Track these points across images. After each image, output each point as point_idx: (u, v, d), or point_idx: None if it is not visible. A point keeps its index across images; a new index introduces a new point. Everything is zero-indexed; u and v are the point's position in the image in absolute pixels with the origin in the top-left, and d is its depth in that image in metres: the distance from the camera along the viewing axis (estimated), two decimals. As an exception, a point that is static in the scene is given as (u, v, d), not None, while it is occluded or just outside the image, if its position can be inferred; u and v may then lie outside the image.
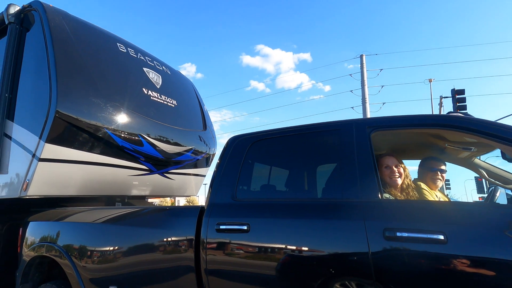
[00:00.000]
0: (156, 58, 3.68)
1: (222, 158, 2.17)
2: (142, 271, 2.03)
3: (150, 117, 3.11)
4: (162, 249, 2.00)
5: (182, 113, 3.65)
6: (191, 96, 4.03)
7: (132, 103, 3.00)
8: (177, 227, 2.03)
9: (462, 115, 1.75)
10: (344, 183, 1.72)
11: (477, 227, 1.35)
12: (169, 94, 3.48)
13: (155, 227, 2.11)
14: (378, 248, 1.43)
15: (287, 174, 2.25)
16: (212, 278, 1.78)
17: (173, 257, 1.93)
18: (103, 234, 2.30)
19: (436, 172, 2.41)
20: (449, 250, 1.31)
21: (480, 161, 2.59)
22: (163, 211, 2.34)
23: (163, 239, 2.01)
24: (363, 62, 15.19)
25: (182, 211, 2.25)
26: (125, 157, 2.97)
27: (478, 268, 1.30)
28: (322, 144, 2.02)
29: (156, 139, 3.13)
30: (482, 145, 2.24)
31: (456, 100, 12.13)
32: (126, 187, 3.18)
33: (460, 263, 1.30)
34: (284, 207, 1.81)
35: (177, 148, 3.31)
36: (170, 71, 3.85)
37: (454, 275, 1.30)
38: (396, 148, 2.65)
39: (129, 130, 2.93)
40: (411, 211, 1.53)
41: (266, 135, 2.15)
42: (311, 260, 1.60)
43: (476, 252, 1.30)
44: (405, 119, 1.78)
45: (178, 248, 1.94)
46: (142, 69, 3.31)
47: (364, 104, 14.62)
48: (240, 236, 1.77)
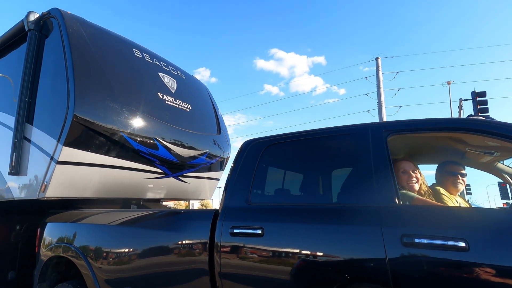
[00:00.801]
0: (171, 63, 3.73)
1: (236, 162, 2.15)
2: (157, 273, 2.02)
3: (165, 121, 3.14)
4: (177, 252, 1.99)
5: (197, 117, 3.68)
6: (205, 100, 4.06)
7: (147, 107, 3.04)
8: (192, 230, 2.02)
9: (483, 118, 1.69)
10: (360, 187, 1.69)
11: (501, 233, 1.29)
12: (183, 98, 3.51)
13: (169, 230, 2.11)
14: (396, 254, 1.38)
15: (302, 178, 2.22)
16: (226, 281, 1.76)
17: (187, 260, 1.93)
18: (118, 236, 2.32)
19: (457, 176, 2.33)
20: (471, 258, 1.26)
21: (503, 165, 2.49)
22: (178, 214, 2.35)
23: (177, 242, 2.01)
24: (378, 65, 14.97)
25: (197, 215, 2.24)
26: (140, 161, 3.00)
27: (501, 277, 1.23)
28: (337, 148, 1.98)
29: (171, 143, 3.15)
30: (505, 149, 2.15)
31: (477, 103, 11.70)
32: (141, 190, 3.22)
33: (483, 272, 1.25)
34: (299, 212, 1.78)
35: (191, 152, 3.33)
36: (185, 75, 3.89)
37: (476, 284, 1.24)
38: (413, 153, 2.58)
39: (145, 134, 2.97)
40: (430, 216, 1.48)
41: (280, 139, 2.13)
42: (326, 265, 1.56)
43: (500, 261, 1.24)
44: (424, 123, 1.73)
45: (192, 251, 1.93)
46: (158, 74, 3.36)
47: (380, 108, 14.38)
48: (254, 240, 1.75)
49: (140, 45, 3.46)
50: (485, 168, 2.58)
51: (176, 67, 3.79)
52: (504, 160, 2.42)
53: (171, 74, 3.55)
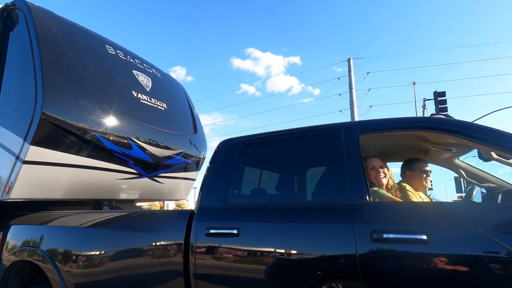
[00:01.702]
0: (145, 61, 3.63)
1: (212, 162, 2.13)
2: (130, 275, 1.96)
3: (140, 120, 3.05)
4: (150, 254, 1.94)
5: (172, 116, 3.61)
6: (181, 99, 3.99)
7: (121, 105, 2.94)
8: (166, 231, 1.98)
9: (444, 117, 1.81)
10: (333, 186, 1.73)
11: (455, 226, 1.38)
12: (159, 97, 3.43)
13: (143, 231, 2.06)
14: (366, 250, 1.43)
15: (278, 177, 2.24)
16: (201, 282, 1.74)
17: (161, 261, 1.88)
18: (89, 238, 2.22)
19: (427, 173, 2.48)
20: (432, 249, 1.34)
21: (459, 161, 2.68)
22: (152, 215, 2.30)
23: (151, 244, 1.96)
24: (350, 65, 15.38)
25: (172, 215, 2.20)
26: (113, 161, 2.90)
27: (457, 265, 1.32)
28: (312, 148, 2.01)
29: (145, 142, 3.07)
30: (461, 146, 2.31)
31: (438, 102, 12.47)
32: (114, 191, 3.11)
33: (441, 262, 1.33)
34: (274, 211, 1.79)
35: (167, 152, 3.26)
36: (160, 74, 3.80)
37: (436, 274, 1.32)
38: (382, 150, 2.71)
39: (118, 133, 2.86)
40: (397, 212, 1.54)
41: (257, 138, 2.13)
42: (300, 263, 1.58)
43: (455, 250, 1.33)
44: (392, 122, 1.80)
45: (167, 252, 1.89)
46: (132, 72, 3.25)
47: (352, 107, 14.81)
48: (230, 240, 1.73)
49: (113, 42, 3.34)
50: (444, 164, 2.76)
51: (151, 65, 3.70)
52: (460, 156, 2.61)
53: (146, 72, 3.46)
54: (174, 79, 4.23)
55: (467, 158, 2.65)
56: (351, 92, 14.94)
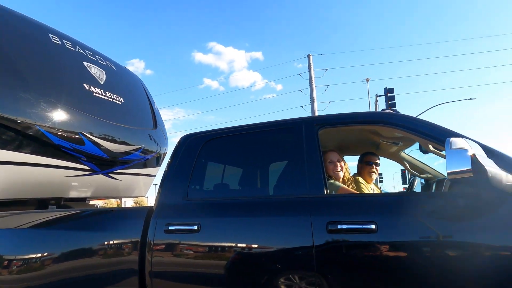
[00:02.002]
0: (98, 52, 3.37)
1: (173, 157, 2.07)
2: (77, 277, 1.84)
3: (93, 114, 2.84)
4: (101, 253, 1.84)
5: (130, 110, 3.42)
6: (139, 93, 3.80)
7: (71, 99, 2.70)
8: (121, 229, 1.90)
9: (392, 112, 1.96)
10: (294, 179, 1.76)
11: (398, 214, 1.47)
12: (114, 90, 3.22)
13: (94, 230, 1.94)
14: (321, 241, 1.48)
15: (241, 172, 2.23)
16: (157, 280, 1.69)
17: (114, 261, 1.80)
18: (28, 240, 2.01)
19: (372, 166, 2.67)
20: (379, 238, 1.42)
21: (404, 154, 2.93)
22: (106, 213, 2.17)
23: (103, 243, 1.86)
24: (310, 62, 15.70)
25: (128, 213, 2.10)
26: (62, 157, 2.67)
27: (400, 252, 1.42)
28: (274, 142, 2.04)
29: (100, 137, 2.88)
30: (406, 139, 2.52)
31: (387, 98, 13.46)
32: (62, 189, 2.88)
33: (387, 249, 1.42)
34: (236, 206, 1.79)
35: (124, 147, 3.10)
36: (116, 66, 3.58)
37: (383, 261, 1.41)
38: (339, 145, 2.86)
39: (68, 128, 2.64)
40: (350, 204, 1.62)
41: (219, 133, 2.10)
42: (260, 257, 1.60)
43: (398, 237, 1.43)
44: (348, 116, 1.88)
45: (121, 251, 1.82)
46: (82, 63, 3.00)
47: (313, 103, 15.20)
48: (190, 236, 1.70)
49: (58, 31, 3.04)
50: (392, 157, 3.00)
51: (105, 57, 3.46)
52: (405, 149, 2.86)
53: (99, 64, 3.23)
54: (132, 72, 4.01)
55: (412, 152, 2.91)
56: (311, 88, 15.33)
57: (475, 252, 1.34)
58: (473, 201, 1.43)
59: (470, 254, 1.35)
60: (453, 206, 1.46)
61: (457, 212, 1.45)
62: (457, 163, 1.30)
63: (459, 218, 1.43)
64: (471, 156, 1.28)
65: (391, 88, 13.49)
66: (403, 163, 3.00)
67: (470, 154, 1.29)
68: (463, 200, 1.46)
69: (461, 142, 1.33)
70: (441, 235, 1.38)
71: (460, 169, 1.29)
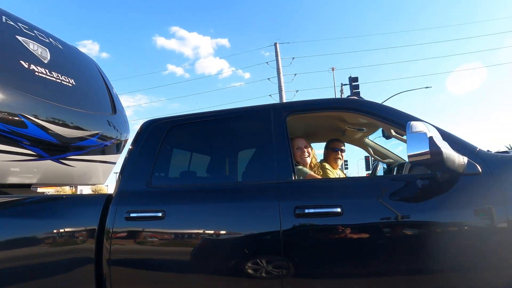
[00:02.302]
0: (37, 28, 3.00)
1: (135, 143, 1.97)
2: (20, 267, 1.73)
3: (37, 95, 2.56)
4: (49, 242, 1.75)
5: (84, 94, 3.15)
6: (94, 75, 3.50)
7: (4, 77, 2.45)
8: (74, 217, 1.80)
9: (357, 98, 2.01)
10: (262, 166, 1.76)
11: (362, 197, 1.53)
12: (63, 71, 2.92)
13: (41, 218, 1.82)
14: (289, 225, 1.50)
15: (209, 160, 2.19)
16: (116, 268, 1.65)
17: (66, 249, 1.73)
18: None
19: (338, 152, 2.74)
20: (345, 220, 1.47)
21: (368, 140, 3.06)
22: (56, 200, 2.03)
23: (51, 231, 1.77)
24: (277, 50, 15.69)
25: (83, 200, 1.99)
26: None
27: (363, 233, 1.48)
28: (242, 129, 2.01)
29: (47, 121, 2.62)
30: (370, 125, 2.63)
31: (352, 87, 13.96)
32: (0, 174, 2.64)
33: (351, 231, 1.47)
34: (204, 192, 1.76)
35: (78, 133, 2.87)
36: (63, 45, 3.24)
37: (348, 242, 1.47)
38: (307, 131, 2.90)
39: (4, 109, 2.40)
40: (317, 189, 1.66)
41: (185, 119, 2.02)
42: (227, 242, 1.60)
43: (362, 219, 1.48)
44: (316, 103, 1.90)
45: (73, 239, 1.74)
46: (15, 38, 2.66)
47: (281, 92, 15.29)
48: (153, 223, 1.66)
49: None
50: (357, 143, 3.12)
51: (48, 33, 3.11)
52: (369, 135, 2.98)
53: (40, 41, 2.90)
54: (84, 53, 3.68)
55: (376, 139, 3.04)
56: (279, 77, 15.39)
57: (430, 230, 1.42)
58: (430, 182, 1.52)
59: (426, 232, 1.43)
60: (412, 188, 1.54)
61: (415, 193, 1.53)
62: (416, 145, 1.36)
63: (417, 199, 1.51)
64: (428, 138, 1.34)
65: (356, 77, 13.99)
66: (367, 149, 3.12)
67: (428, 137, 1.35)
68: (420, 181, 1.54)
69: (420, 125, 1.39)
70: (401, 215, 1.45)
71: (419, 152, 1.35)
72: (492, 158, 1.49)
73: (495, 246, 1.33)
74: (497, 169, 1.44)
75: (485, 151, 1.54)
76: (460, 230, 1.39)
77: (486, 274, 1.33)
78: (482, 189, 1.41)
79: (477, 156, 1.50)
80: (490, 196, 1.39)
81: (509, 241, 1.32)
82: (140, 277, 1.66)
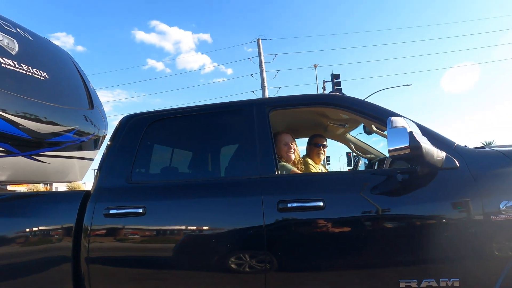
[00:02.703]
0: (2, 17, 2.87)
1: (114, 139, 1.91)
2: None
3: (3, 88, 2.44)
4: (22, 241, 1.70)
5: (58, 88, 3.00)
6: (69, 69, 3.34)
7: None
8: (49, 215, 1.74)
9: (339, 94, 2.04)
10: (245, 161, 1.75)
11: (344, 191, 1.55)
12: (34, 64, 2.77)
13: (13, 216, 1.75)
14: (272, 220, 1.50)
15: (191, 155, 2.15)
16: (95, 266, 1.61)
17: (41, 248, 1.67)
18: None
19: (320, 147, 2.78)
20: (327, 214, 1.48)
21: (350, 136, 3.11)
22: (30, 198, 1.95)
23: (24, 229, 1.70)
24: (260, 46, 15.58)
25: (58, 197, 1.92)
26: None
27: (346, 227, 1.49)
28: (225, 124, 1.99)
29: (18, 116, 2.47)
30: (352, 121, 2.67)
31: (334, 84, 14.15)
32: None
33: (334, 224, 1.49)
34: (186, 188, 1.72)
35: (52, 128, 2.73)
36: (33, 37, 3.07)
37: (330, 236, 1.48)
38: (289, 127, 2.91)
39: None
40: (300, 183, 1.66)
41: (166, 114, 1.97)
42: (210, 238, 1.58)
43: (343, 213, 1.50)
44: (298, 98, 1.91)
45: (49, 238, 1.69)
46: None
47: (263, 88, 15.24)
48: (134, 220, 1.62)
49: None
50: (339, 139, 3.16)
51: (15, 23, 2.92)
52: (351, 131, 3.03)
53: (5, 31, 2.72)
54: (57, 46, 3.50)
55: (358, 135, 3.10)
56: (261, 73, 15.34)
57: (410, 222, 1.46)
58: (409, 176, 1.55)
59: (406, 224, 1.46)
60: (392, 182, 1.57)
61: (395, 187, 1.56)
62: (397, 140, 1.38)
63: (397, 192, 1.54)
64: (408, 133, 1.37)
65: (337, 74, 14.15)
66: (349, 144, 3.17)
67: (408, 132, 1.38)
68: (401, 176, 1.57)
69: (400, 121, 1.42)
70: (381, 208, 1.47)
71: (400, 146, 1.37)
72: (469, 153, 1.54)
73: (471, 237, 1.38)
74: (473, 164, 1.48)
75: (462, 147, 1.59)
76: (438, 223, 1.42)
77: (463, 264, 1.38)
78: (460, 183, 1.45)
79: (455, 151, 1.53)
80: (467, 189, 1.42)
81: (484, 232, 1.37)
82: (120, 275, 1.62)
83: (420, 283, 1.38)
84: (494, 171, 1.46)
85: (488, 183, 1.43)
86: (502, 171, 1.46)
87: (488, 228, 1.36)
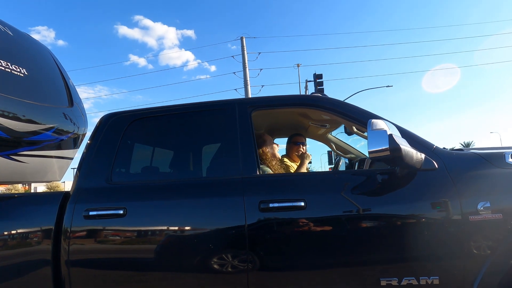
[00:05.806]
0: None
1: (93, 138, 1.82)
2: None
3: None
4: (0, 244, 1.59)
5: (37, 85, 2.84)
6: (48, 65, 3.17)
7: None
8: (28, 217, 1.66)
9: (320, 95, 2.03)
10: (227, 161, 1.70)
11: (325, 191, 1.53)
12: (12, 60, 2.60)
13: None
14: (254, 220, 1.47)
15: (172, 155, 2.07)
16: (75, 269, 1.54)
17: (19, 252, 1.59)
18: None
19: (299, 146, 2.78)
20: (308, 214, 1.46)
21: (331, 136, 3.13)
22: (7, 200, 1.86)
23: (2, 233, 1.62)
24: (243, 44, 15.36)
25: (37, 198, 1.83)
26: None
27: (326, 226, 1.48)
28: (207, 124, 1.92)
29: None
30: (333, 122, 2.68)
31: (316, 84, 14.22)
32: None
33: (315, 224, 1.47)
34: (167, 188, 1.66)
35: (31, 126, 2.59)
36: (12, 31, 2.89)
37: (312, 236, 1.46)
38: (271, 127, 2.89)
39: None
40: (282, 183, 1.63)
41: (147, 113, 1.89)
42: (192, 238, 1.53)
43: (324, 213, 1.48)
44: (281, 99, 1.88)
45: (28, 241, 1.62)
46: None
47: (246, 86, 15.11)
48: (114, 221, 1.56)
49: None
50: (320, 139, 3.16)
51: None
52: (332, 131, 3.05)
53: None
54: (37, 40, 3.32)
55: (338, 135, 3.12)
56: (244, 71, 15.17)
57: (390, 222, 1.45)
58: (389, 176, 1.54)
59: (386, 224, 1.45)
60: (372, 182, 1.57)
61: (376, 187, 1.56)
62: (377, 142, 1.38)
63: (377, 193, 1.53)
64: (388, 136, 1.38)
65: (320, 74, 14.18)
66: (329, 144, 3.19)
67: (388, 134, 1.39)
68: (380, 176, 1.57)
69: (381, 123, 1.42)
70: (362, 208, 1.47)
71: (379, 148, 1.37)
72: (448, 155, 1.55)
73: (450, 237, 1.38)
74: (451, 165, 1.49)
75: (441, 148, 1.58)
76: (418, 222, 1.42)
77: (442, 262, 1.38)
78: (438, 183, 1.45)
79: (433, 153, 1.54)
80: (445, 190, 1.43)
81: (463, 232, 1.38)
82: (102, 277, 1.55)
83: (401, 281, 1.38)
84: (472, 173, 1.47)
85: (466, 184, 1.43)
86: (480, 173, 1.46)
87: (467, 228, 1.37)
